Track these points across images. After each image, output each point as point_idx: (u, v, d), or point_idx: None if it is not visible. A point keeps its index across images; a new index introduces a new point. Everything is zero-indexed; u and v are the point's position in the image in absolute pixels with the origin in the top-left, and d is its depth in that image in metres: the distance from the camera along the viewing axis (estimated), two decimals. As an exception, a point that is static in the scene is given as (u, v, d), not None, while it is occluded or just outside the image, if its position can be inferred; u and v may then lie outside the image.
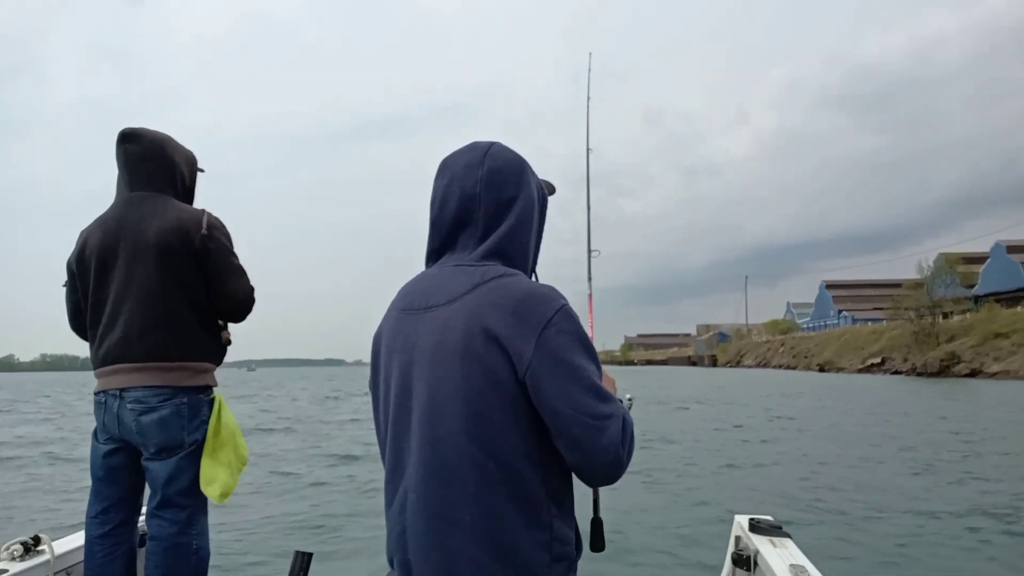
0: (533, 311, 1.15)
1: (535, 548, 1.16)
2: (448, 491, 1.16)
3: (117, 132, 2.25)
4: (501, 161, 1.30)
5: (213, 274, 2.21)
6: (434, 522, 1.17)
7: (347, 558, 5.00)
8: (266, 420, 17.78)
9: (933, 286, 49.10)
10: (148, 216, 2.16)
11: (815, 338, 72.07)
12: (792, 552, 2.18)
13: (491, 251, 1.26)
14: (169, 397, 2.11)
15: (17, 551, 2.11)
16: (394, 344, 1.27)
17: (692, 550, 5.25)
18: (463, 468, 1.15)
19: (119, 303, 2.14)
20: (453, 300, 1.20)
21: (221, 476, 2.19)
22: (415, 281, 1.32)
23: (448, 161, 1.33)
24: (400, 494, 1.23)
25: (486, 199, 1.27)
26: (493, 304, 1.16)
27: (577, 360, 1.16)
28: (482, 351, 1.14)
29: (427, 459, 1.18)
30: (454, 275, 1.24)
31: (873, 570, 4.84)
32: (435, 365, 1.18)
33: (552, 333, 1.14)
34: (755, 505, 6.47)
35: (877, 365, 50.15)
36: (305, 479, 8.61)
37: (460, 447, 1.15)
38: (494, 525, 1.14)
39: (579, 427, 1.14)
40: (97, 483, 2.20)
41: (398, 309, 1.30)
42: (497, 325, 1.14)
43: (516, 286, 1.19)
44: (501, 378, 1.14)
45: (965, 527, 6.01)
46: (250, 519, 5.97)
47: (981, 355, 39.39)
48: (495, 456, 1.15)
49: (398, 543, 1.23)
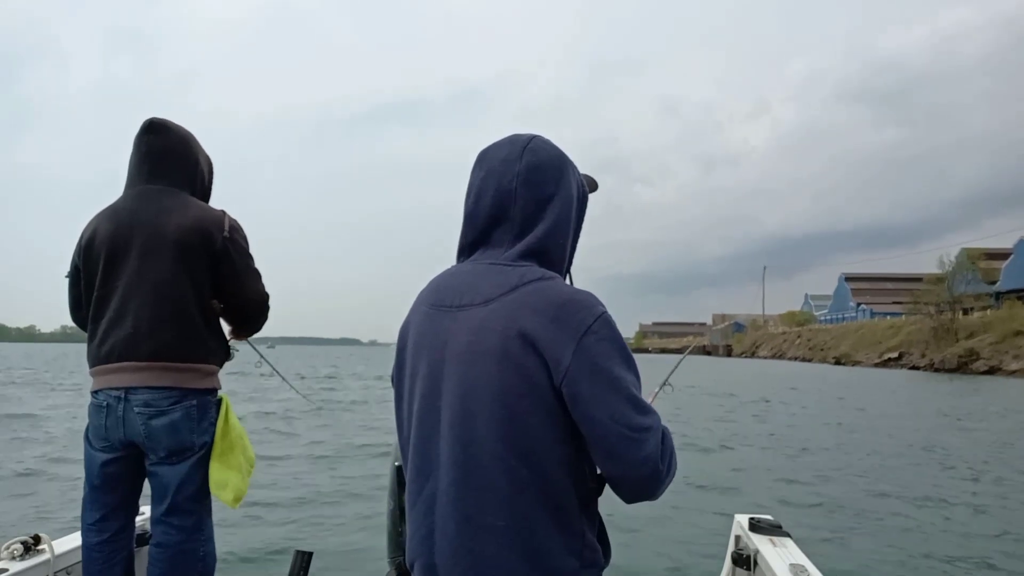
0: (573, 317, 1.12)
1: (565, 555, 1.15)
2: (480, 494, 1.14)
3: (137, 117, 2.16)
4: (541, 157, 1.25)
5: (231, 276, 2.17)
6: (464, 525, 1.15)
7: (347, 557, 4.97)
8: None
9: (954, 281, 48.30)
10: (167, 211, 2.09)
11: (832, 331, 71.13)
12: (792, 551, 2.20)
13: (528, 251, 1.22)
14: (179, 400, 2.05)
15: (17, 550, 2.09)
16: (423, 341, 1.24)
17: (692, 549, 5.20)
18: (496, 471, 1.13)
19: (128, 298, 2.05)
20: (489, 301, 1.17)
21: (233, 480, 2.15)
22: (446, 276, 1.28)
23: (486, 153, 1.28)
24: (426, 495, 1.20)
25: (523, 196, 1.22)
26: (532, 308, 1.13)
27: (616, 370, 1.13)
28: (519, 355, 1.12)
29: (459, 461, 1.15)
30: (490, 274, 1.20)
31: (873, 569, 4.84)
32: (469, 366, 1.16)
33: (592, 341, 1.12)
34: (755, 504, 6.46)
35: (894, 360, 49.50)
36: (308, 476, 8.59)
37: (493, 450, 1.13)
38: (526, 530, 1.13)
39: (616, 438, 1.11)
40: (93, 491, 2.12)
41: (428, 304, 1.26)
42: (535, 330, 1.12)
43: (556, 291, 1.16)
44: (537, 383, 1.12)
45: (966, 525, 6.00)
46: (251, 519, 5.93)
47: (1000, 352, 38.77)
48: (528, 461, 1.13)
49: (424, 545, 1.20)
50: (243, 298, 2.23)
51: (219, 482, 2.14)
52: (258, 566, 4.78)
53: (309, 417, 14.03)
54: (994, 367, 38.09)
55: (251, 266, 2.24)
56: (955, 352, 41.91)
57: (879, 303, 79.14)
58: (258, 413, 14.31)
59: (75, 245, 2.19)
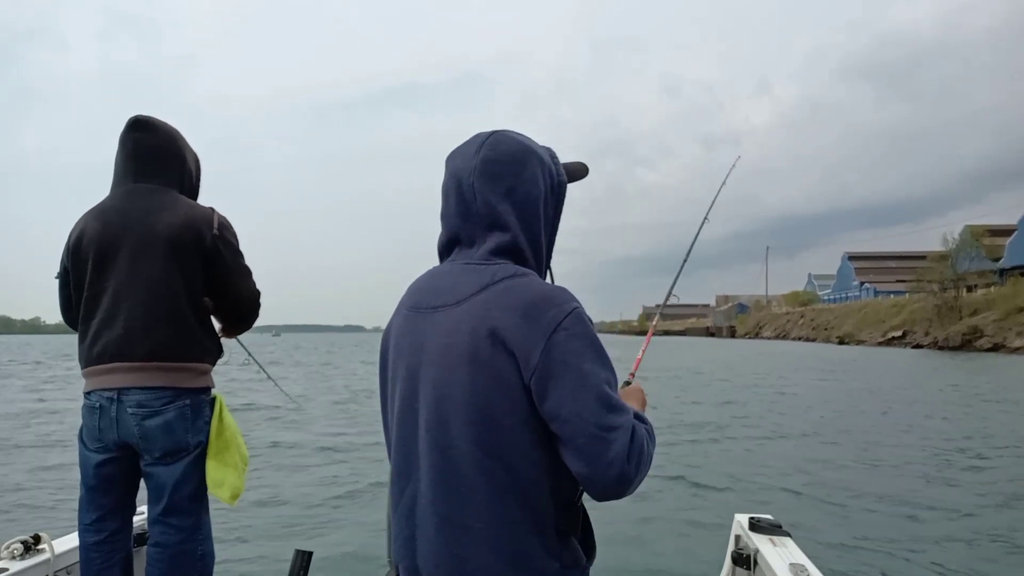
0: (544, 314, 1.11)
1: (547, 556, 1.15)
2: (459, 497, 1.14)
3: (129, 111, 2.11)
4: (498, 151, 1.23)
5: (222, 274, 2.16)
6: (445, 528, 1.15)
7: (347, 557, 4.94)
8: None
9: (958, 259, 48.25)
10: (157, 209, 2.08)
11: (835, 310, 71.28)
12: (792, 551, 2.19)
13: (500, 248, 1.21)
14: (172, 399, 2.04)
15: (17, 550, 2.09)
16: (402, 344, 1.24)
17: (691, 549, 5.18)
18: (473, 474, 1.13)
19: (119, 298, 2.04)
20: (461, 301, 1.17)
21: (229, 478, 2.15)
22: (425, 278, 1.29)
23: (452, 153, 1.29)
24: (407, 498, 1.21)
25: (481, 190, 1.21)
26: (502, 306, 1.13)
27: (586, 366, 1.11)
28: (489, 355, 1.11)
29: (436, 464, 1.16)
30: (464, 274, 1.21)
31: (873, 569, 4.83)
32: (443, 368, 1.16)
33: (562, 337, 1.10)
34: (755, 504, 6.46)
35: (898, 338, 49.60)
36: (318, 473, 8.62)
37: (469, 453, 1.13)
38: (506, 532, 1.13)
39: (584, 437, 1.09)
40: (90, 492, 2.10)
41: (407, 307, 1.27)
42: (505, 328, 1.11)
43: (526, 287, 1.15)
44: (508, 383, 1.11)
45: (966, 524, 5.98)
46: (249, 518, 5.89)
47: (1004, 329, 38.78)
48: (504, 463, 1.12)
49: (406, 548, 1.21)
50: (235, 296, 2.23)
51: (216, 480, 2.14)
52: (258, 566, 4.77)
53: (302, 414, 14.04)
54: (998, 344, 38.11)
55: (242, 264, 2.23)
56: (959, 330, 41.94)
57: (883, 282, 79.21)
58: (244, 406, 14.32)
59: (63, 246, 2.17)
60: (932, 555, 5.13)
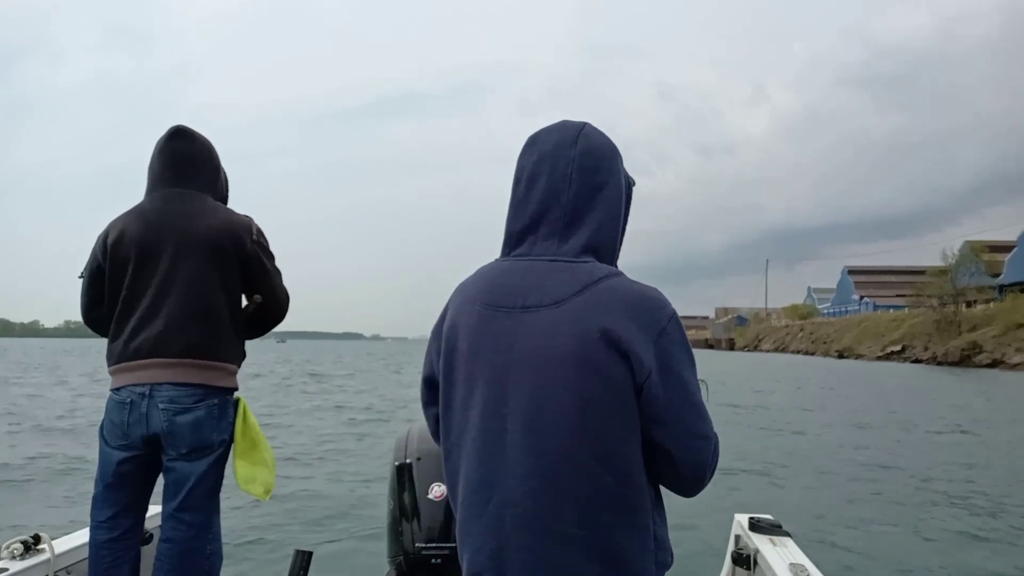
0: (651, 314, 1.10)
1: (643, 557, 1.13)
2: (559, 504, 1.10)
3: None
4: (595, 143, 1.21)
5: (261, 278, 2.25)
6: (542, 537, 1.11)
7: (347, 557, 4.96)
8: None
9: (957, 274, 48.24)
10: (197, 214, 2.16)
11: (835, 324, 71.16)
12: (792, 551, 2.20)
13: (590, 245, 1.17)
14: (203, 398, 2.09)
15: (17, 550, 2.08)
16: (481, 344, 1.17)
17: (691, 549, 5.21)
18: (575, 480, 1.10)
19: (160, 296, 2.10)
20: (560, 302, 1.11)
21: (261, 474, 2.21)
22: (500, 273, 1.21)
23: (537, 138, 1.23)
24: (494, 507, 1.14)
25: (577, 182, 1.17)
26: (609, 308, 1.10)
27: (685, 373, 1.12)
28: (601, 357, 1.08)
29: (535, 471, 1.11)
30: (553, 272, 1.14)
31: (873, 569, 4.84)
32: (542, 372, 1.11)
33: (667, 342, 1.10)
34: (755, 504, 6.45)
35: (897, 353, 49.49)
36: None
37: (573, 458, 1.09)
38: (605, 537, 1.11)
39: (679, 443, 1.11)
40: (106, 489, 2.13)
41: (482, 304, 1.18)
42: (617, 329, 1.08)
43: (629, 288, 1.13)
44: (620, 385, 1.08)
45: (966, 523, 5.99)
46: (250, 517, 5.91)
47: (1003, 345, 38.73)
48: (611, 466, 1.10)
49: (492, 561, 1.14)
50: (273, 298, 2.31)
51: (246, 477, 2.19)
52: (258, 566, 4.78)
53: (309, 416, 14.01)
54: (997, 360, 38.04)
55: (276, 267, 2.32)
56: (958, 345, 41.87)
57: (882, 296, 79.07)
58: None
59: (98, 245, 2.20)
60: (932, 555, 5.15)
